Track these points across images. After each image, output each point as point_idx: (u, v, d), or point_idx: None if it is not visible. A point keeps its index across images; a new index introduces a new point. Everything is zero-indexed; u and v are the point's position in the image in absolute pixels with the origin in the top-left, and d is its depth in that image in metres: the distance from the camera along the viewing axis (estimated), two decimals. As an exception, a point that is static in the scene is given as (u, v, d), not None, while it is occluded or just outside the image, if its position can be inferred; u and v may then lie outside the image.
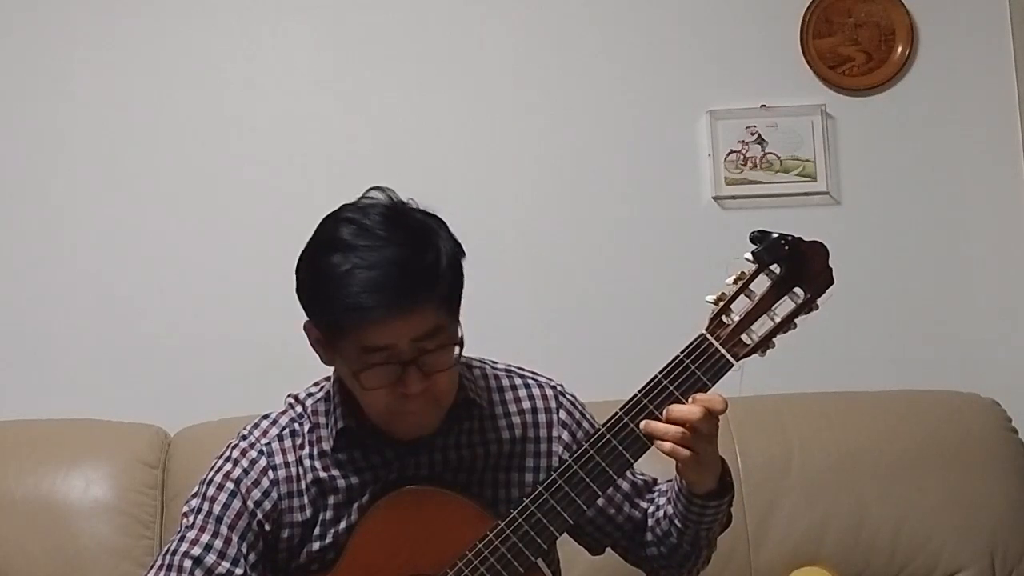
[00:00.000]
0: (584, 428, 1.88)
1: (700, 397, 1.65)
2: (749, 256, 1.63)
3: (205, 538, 1.74)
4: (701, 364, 1.65)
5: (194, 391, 2.92)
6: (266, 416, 1.85)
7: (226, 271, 2.99)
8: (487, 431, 1.83)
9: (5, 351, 2.95)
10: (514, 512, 1.70)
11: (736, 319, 1.65)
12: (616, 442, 1.67)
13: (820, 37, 3.08)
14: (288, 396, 1.87)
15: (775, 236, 1.62)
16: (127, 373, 2.95)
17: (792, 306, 1.65)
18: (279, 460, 1.78)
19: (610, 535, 1.91)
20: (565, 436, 1.86)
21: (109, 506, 2.66)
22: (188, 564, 1.73)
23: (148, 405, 2.89)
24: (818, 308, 1.65)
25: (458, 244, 1.71)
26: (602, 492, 1.69)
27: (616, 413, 1.68)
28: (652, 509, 1.89)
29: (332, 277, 1.64)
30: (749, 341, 1.66)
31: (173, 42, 3.02)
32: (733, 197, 3.05)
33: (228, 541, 1.74)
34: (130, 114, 3.00)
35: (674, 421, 1.64)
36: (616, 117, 3.07)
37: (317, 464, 1.79)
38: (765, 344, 1.66)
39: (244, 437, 1.82)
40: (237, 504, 1.76)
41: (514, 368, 1.91)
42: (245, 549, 1.75)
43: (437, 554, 1.71)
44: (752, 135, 3.06)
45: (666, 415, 1.65)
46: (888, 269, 3.08)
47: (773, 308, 1.65)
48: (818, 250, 1.64)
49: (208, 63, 3.03)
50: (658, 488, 1.93)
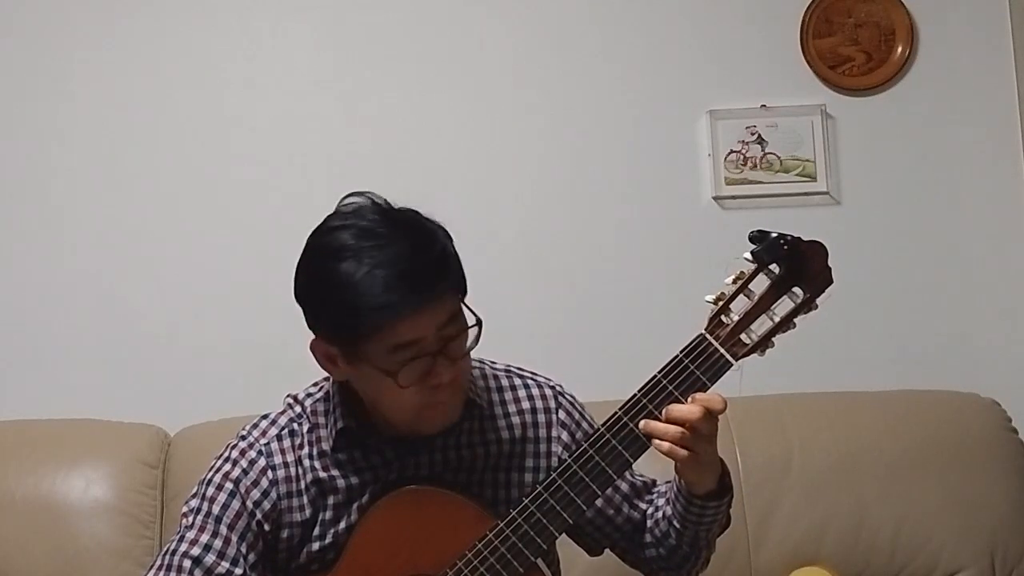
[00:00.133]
0: (583, 428, 1.88)
1: (699, 397, 1.64)
2: (748, 256, 1.62)
3: (204, 538, 1.74)
4: (700, 364, 1.65)
5: (194, 391, 2.92)
6: (265, 416, 1.85)
7: (226, 271, 2.99)
8: (487, 431, 1.83)
9: (5, 351, 2.95)
10: (514, 512, 1.70)
11: (735, 319, 1.65)
12: (615, 442, 1.67)
13: (820, 37, 3.08)
14: (287, 396, 1.87)
15: (774, 236, 1.61)
16: (127, 373, 2.95)
17: (791, 306, 1.65)
18: (278, 460, 1.78)
19: (609, 536, 1.91)
20: (564, 436, 1.86)
21: (109, 506, 2.66)
22: (187, 564, 1.73)
23: (148, 405, 2.89)
24: (817, 308, 1.65)
25: (444, 228, 1.72)
26: (602, 492, 1.69)
27: (615, 413, 1.68)
28: (651, 510, 1.89)
29: (349, 284, 1.63)
30: (748, 341, 1.65)
31: (173, 42, 3.02)
32: (733, 197, 3.05)
33: (227, 541, 1.74)
34: (130, 114, 3.00)
35: (673, 421, 1.64)
36: (616, 117, 3.07)
37: (317, 464, 1.79)
38: (764, 344, 1.66)
39: (243, 437, 1.82)
40: (236, 504, 1.76)
41: (513, 368, 1.91)
42: (244, 549, 1.75)
43: (437, 554, 1.71)
44: (752, 135, 3.05)
45: (665, 415, 1.65)
46: (888, 269, 3.08)
47: (772, 308, 1.65)
48: (817, 250, 1.64)
49: (208, 63, 3.03)
50: (657, 489, 1.92)
